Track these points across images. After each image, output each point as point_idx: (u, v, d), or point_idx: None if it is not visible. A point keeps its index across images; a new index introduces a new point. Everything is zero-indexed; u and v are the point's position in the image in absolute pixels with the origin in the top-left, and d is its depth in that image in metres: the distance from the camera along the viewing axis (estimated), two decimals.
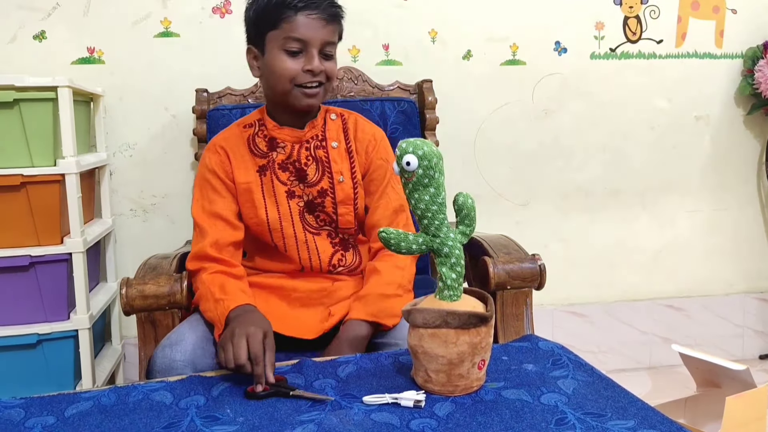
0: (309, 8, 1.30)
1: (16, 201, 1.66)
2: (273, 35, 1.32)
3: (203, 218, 1.38)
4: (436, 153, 1.00)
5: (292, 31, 1.30)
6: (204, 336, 1.27)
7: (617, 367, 2.45)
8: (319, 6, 1.31)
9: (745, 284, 2.56)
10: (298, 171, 1.41)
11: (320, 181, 1.41)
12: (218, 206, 1.39)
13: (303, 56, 1.32)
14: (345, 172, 1.43)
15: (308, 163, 1.41)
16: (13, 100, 1.62)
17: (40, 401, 1.02)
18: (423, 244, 1.03)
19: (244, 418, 0.95)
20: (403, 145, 1.00)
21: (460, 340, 0.99)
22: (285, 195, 1.41)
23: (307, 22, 1.30)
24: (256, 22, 1.36)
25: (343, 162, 1.44)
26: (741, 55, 2.41)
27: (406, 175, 1.00)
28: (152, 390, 1.05)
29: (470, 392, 1.01)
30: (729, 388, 1.76)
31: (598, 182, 2.40)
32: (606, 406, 0.94)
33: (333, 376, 1.08)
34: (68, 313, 1.75)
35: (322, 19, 1.31)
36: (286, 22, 1.30)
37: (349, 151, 1.45)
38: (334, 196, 1.41)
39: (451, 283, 1.02)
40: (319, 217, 1.42)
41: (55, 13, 2.00)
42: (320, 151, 1.42)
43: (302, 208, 1.41)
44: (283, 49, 1.31)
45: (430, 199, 1.01)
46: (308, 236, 1.42)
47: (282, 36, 1.31)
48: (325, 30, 1.32)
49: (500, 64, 2.28)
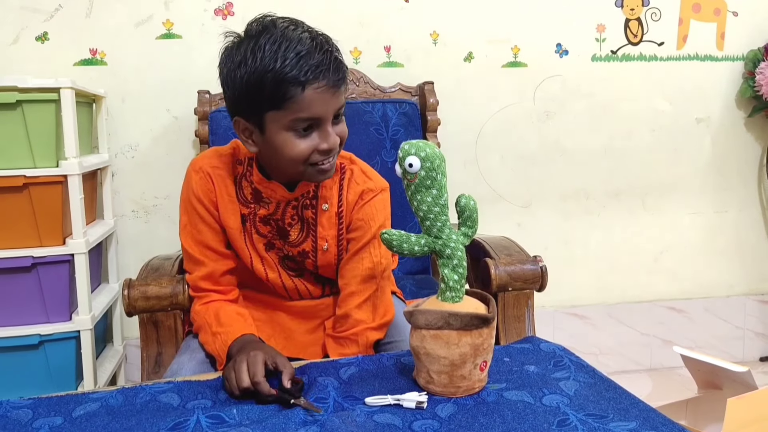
0: (317, 80, 1.08)
1: (18, 202, 1.66)
2: (275, 116, 1.11)
3: (193, 247, 1.28)
4: (438, 155, 1.00)
5: (300, 112, 1.09)
6: (203, 361, 1.25)
7: (618, 369, 2.45)
8: (326, 73, 1.09)
9: (746, 286, 2.56)
10: (279, 229, 1.27)
11: (303, 243, 1.28)
12: (207, 237, 1.27)
13: (315, 132, 1.13)
14: (331, 239, 1.28)
15: (292, 223, 1.27)
16: (15, 102, 1.62)
17: (48, 402, 1.02)
18: (425, 246, 1.03)
19: (250, 419, 0.95)
20: (405, 147, 1.00)
21: (462, 341, 0.99)
22: (264, 247, 1.29)
23: (317, 97, 1.09)
24: (247, 97, 1.11)
25: (331, 228, 1.28)
26: (742, 58, 2.42)
27: (408, 177, 1.01)
28: (160, 391, 1.05)
29: (472, 393, 1.01)
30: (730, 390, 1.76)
31: (600, 184, 2.41)
32: (608, 408, 0.94)
33: (335, 377, 1.08)
34: (70, 314, 1.75)
35: (332, 87, 1.11)
36: (292, 101, 1.08)
37: (339, 215, 1.28)
38: (316, 259, 1.29)
39: (453, 284, 1.03)
40: (300, 265, 1.32)
41: (58, 14, 2.01)
42: (308, 211, 1.27)
43: (281, 258, 1.31)
44: (291, 130, 1.11)
45: (433, 201, 1.01)
46: (294, 280, 1.33)
47: (289, 117, 1.10)
48: (335, 99, 1.12)
49: (501, 65, 2.28)
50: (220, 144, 1.81)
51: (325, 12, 2.12)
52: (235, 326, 1.22)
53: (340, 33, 2.13)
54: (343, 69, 1.14)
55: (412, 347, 1.04)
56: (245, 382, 1.02)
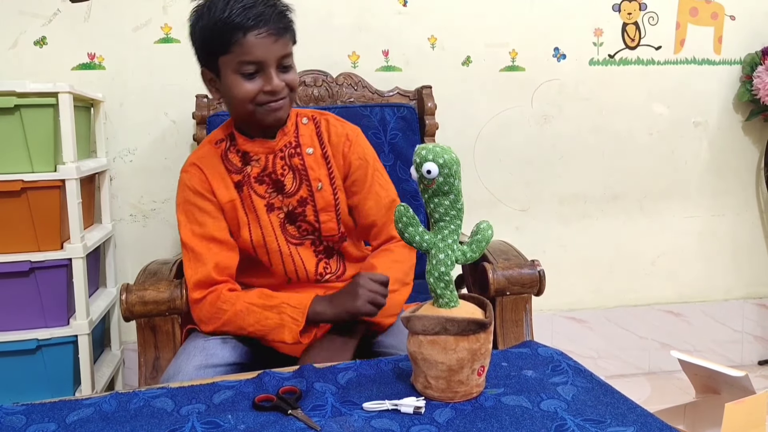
0: (257, 27, 1.22)
1: (16, 206, 1.66)
2: (225, 60, 1.25)
3: (196, 243, 1.31)
4: (455, 160, 0.99)
5: (244, 55, 1.23)
6: (201, 365, 1.24)
7: (616, 373, 2.45)
8: (268, 22, 1.23)
9: (743, 290, 2.56)
10: (275, 183, 1.36)
11: (299, 190, 1.36)
12: (210, 228, 1.32)
13: (260, 76, 1.25)
14: (323, 178, 1.38)
15: (284, 173, 1.36)
16: (14, 106, 1.62)
17: (42, 408, 1.02)
18: (425, 242, 1.03)
19: (246, 425, 0.95)
20: (422, 152, 0.99)
21: (459, 346, 0.99)
22: (264, 209, 1.35)
23: (258, 42, 1.22)
24: (203, 46, 1.28)
25: (320, 168, 1.38)
26: (739, 62, 2.42)
27: (425, 182, 1.00)
28: (153, 396, 1.05)
29: (470, 398, 1.01)
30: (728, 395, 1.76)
31: (597, 188, 2.41)
32: (606, 413, 0.94)
33: (333, 382, 1.08)
34: (68, 319, 1.75)
35: (273, 35, 1.23)
36: (237, 45, 1.22)
37: (325, 157, 1.39)
38: (315, 204, 1.37)
39: (441, 292, 1.03)
40: (300, 227, 1.38)
41: (56, 18, 2.01)
42: (295, 159, 1.37)
43: (283, 220, 1.37)
44: (238, 72, 1.25)
45: (450, 205, 1.01)
46: (291, 248, 1.37)
47: (235, 60, 1.24)
48: (277, 45, 1.25)
49: (500, 70, 2.29)
50: None
51: (323, 17, 2.12)
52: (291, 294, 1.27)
53: (338, 37, 2.15)
54: (286, 21, 1.27)
55: (409, 353, 1.04)
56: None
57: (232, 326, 1.27)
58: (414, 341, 1.02)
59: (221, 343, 1.30)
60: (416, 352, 1.01)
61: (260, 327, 1.24)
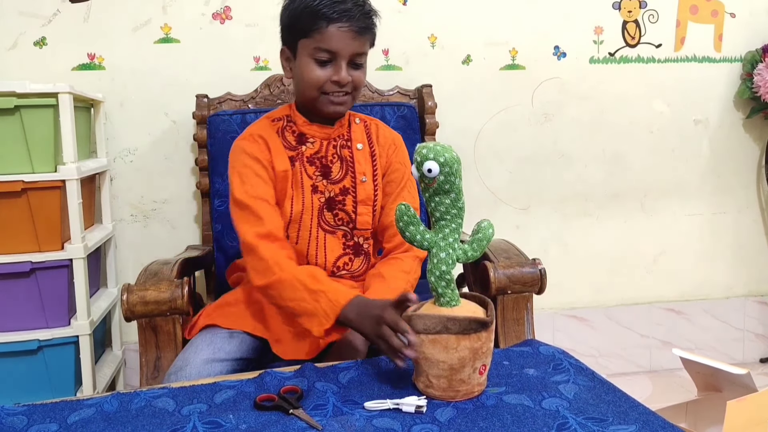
0: (341, 20, 1.31)
1: (16, 207, 1.66)
2: (304, 43, 1.34)
3: (252, 201, 1.34)
4: (456, 159, 1.00)
5: (322, 42, 1.32)
6: (209, 359, 1.26)
7: (618, 371, 2.45)
8: (352, 18, 1.31)
9: (745, 288, 2.56)
10: (323, 167, 1.43)
11: (343, 179, 1.44)
12: (262, 191, 1.37)
13: (331, 66, 1.34)
14: (368, 173, 1.46)
15: (333, 160, 1.44)
16: (14, 107, 1.62)
17: (43, 408, 1.02)
18: (425, 241, 1.03)
19: (247, 424, 0.95)
20: (423, 151, 0.99)
21: (461, 345, 0.99)
22: (310, 189, 1.42)
23: (338, 34, 1.31)
24: (289, 27, 1.38)
25: (367, 164, 1.47)
26: (740, 59, 2.42)
27: (426, 181, 1.00)
28: (155, 396, 1.05)
29: (471, 397, 1.01)
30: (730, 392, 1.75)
31: (598, 186, 2.41)
32: (607, 411, 0.94)
33: (334, 381, 1.08)
34: (69, 319, 1.75)
35: (353, 31, 1.32)
36: (318, 32, 1.31)
37: (372, 154, 1.48)
38: (356, 195, 1.44)
39: (442, 291, 1.03)
40: (337, 216, 1.44)
41: (56, 19, 2.01)
42: (345, 150, 1.46)
43: (322, 205, 1.43)
44: (312, 57, 1.33)
45: (451, 204, 1.02)
46: (320, 233, 1.43)
47: (312, 45, 1.33)
48: (355, 42, 1.33)
49: (500, 68, 2.28)
50: (219, 147, 1.84)
51: None
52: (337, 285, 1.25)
53: None
54: (369, 22, 1.36)
55: None
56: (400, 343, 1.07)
57: (274, 291, 1.26)
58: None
59: (228, 338, 1.32)
60: (418, 352, 1.01)
61: (296, 306, 1.23)
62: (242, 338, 1.33)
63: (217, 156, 1.85)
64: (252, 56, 2.12)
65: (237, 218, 1.36)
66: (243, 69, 2.11)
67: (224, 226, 1.82)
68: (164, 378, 1.25)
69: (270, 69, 2.11)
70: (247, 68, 2.12)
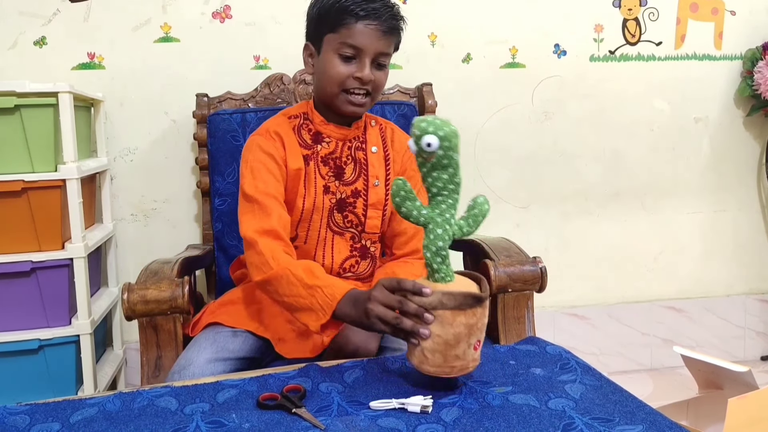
0: (370, 18, 1.31)
1: (17, 207, 1.65)
2: (330, 38, 1.35)
3: (261, 196, 1.33)
4: (456, 133, 0.98)
5: (348, 38, 1.32)
6: (212, 358, 1.25)
7: (619, 369, 2.45)
8: (380, 17, 1.32)
9: (745, 285, 2.56)
10: (337, 168, 1.44)
11: (356, 181, 1.44)
12: (272, 187, 1.36)
13: (355, 63, 1.34)
14: (380, 177, 1.46)
15: (347, 162, 1.45)
16: (14, 106, 1.61)
17: (45, 407, 1.02)
18: (421, 217, 1.02)
19: (250, 423, 0.94)
20: (422, 125, 0.97)
21: (456, 321, 0.98)
22: (322, 189, 1.42)
23: (365, 31, 1.32)
24: (316, 22, 1.38)
25: (380, 167, 1.47)
26: (740, 57, 2.42)
27: (424, 155, 0.98)
28: (157, 396, 1.05)
29: (465, 373, 1.01)
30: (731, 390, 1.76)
31: (598, 184, 2.41)
32: (614, 411, 0.94)
33: (339, 381, 1.08)
34: (70, 319, 1.75)
35: (381, 30, 1.33)
36: (345, 27, 1.32)
37: (386, 158, 1.49)
38: (367, 198, 1.44)
39: (437, 266, 1.02)
40: (347, 218, 1.44)
41: (56, 18, 2.00)
42: (360, 153, 1.46)
43: (333, 205, 1.43)
44: (337, 53, 1.34)
45: (449, 179, 1.00)
46: (329, 234, 1.43)
47: (338, 40, 1.33)
48: (381, 41, 1.34)
49: (500, 67, 2.28)
50: (219, 146, 1.84)
51: None
52: (333, 280, 1.22)
53: None
54: (396, 24, 1.36)
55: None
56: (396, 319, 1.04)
57: (271, 287, 1.24)
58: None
59: (232, 337, 1.32)
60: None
61: (292, 301, 1.21)
62: (245, 337, 1.33)
63: (217, 155, 1.85)
64: (252, 55, 2.11)
65: (243, 211, 1.34)
66: (243, 68, 2.11)
67: (225, 225, 1.81)
68: (167, 376, 1.25)
69: (270, 68, 2.10)
70: (247, 67, 2.12)
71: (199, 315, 1.44)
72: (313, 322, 1.18)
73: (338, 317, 1.17)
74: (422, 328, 1.00)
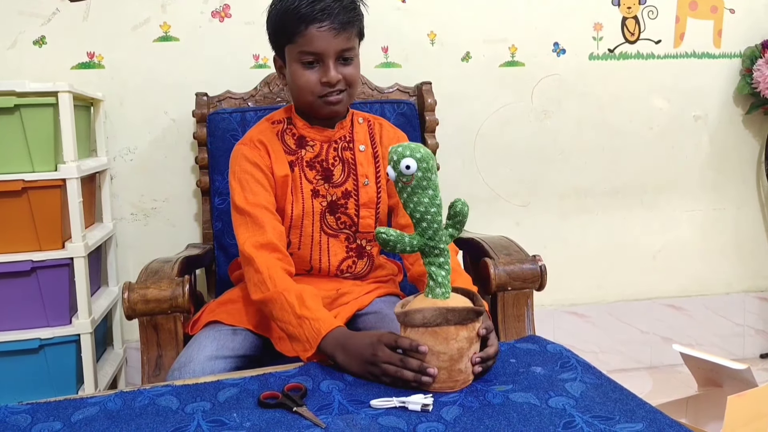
0: (319, 20, 1.29)
1: (17, 206, 1.66)
2: (290, 48, 1.34)
3: (253, 208, 1.34)
4: (431, 154, 1.02)
5: (305, 45, 1.30)
6: (212, 355, 1.25)
7: (618, 367, 2.46)
8: (330, 16, 1.29)
9: (745, 283, 2.56)
10: (324, 170, 1.42)
11: (345, 182, 1.43)
12: (262, 198, 1.36)
13: (319, 67, 1.33)
14: (370, 175, 1.45)
15: (335, 163, 1.43)
16: (14, 106, 1.62)
17: (47, 406, 1.02)
18: (416, 246, 1.05)
19: (251, 422, 0.95)
20: (399, 149, 1.01)
21: (459, 335, 1.01)
22: (310, 194, 1.41)
23: (319, 35, 1.29)
24: (274, 35, 1.37)
25: (369, 166, 1.45)
26: (739, 55, 2.42)
27: (404, 180, 1.01)
28: (158, 395, 1.05)
29: (466, 386, 1.03)
30: (730, 388, 1.76)
31: (598, 182, 2.41)
32: (614, 409, 0.94)
33: (340, 379, 1.08)
34: (70, 318, 1.75)
35: (335, 29, 1.30)
36: (300, 36, 1.30)
37: (375, 156, 1.47)
38: (358, 198, 1.43)
39: (441, 280, 1.04)
40: (339, 219, 1.43)
41: (55, 18, 2.00)
42: (347, 152, 1.44)
43: (324, 209, 1.42)
44: (299, 62, 1.33)
45: (429, 201, 1.02)
46: (323, 237, 1.43)
47: (297, 50, 1.32)
48: (338, 39, 1.31)
49: (499, 65, 2.28)
50: (218, 145, 1.84)
51: None
52: (321, 313, 1.20)
53: None
54: (351, 16, 1.32)
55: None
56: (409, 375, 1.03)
57: (267, 308, 1.25)
58: (412, 334, 1.03)
59: (232, 335, 1.32)
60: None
61: (284, 327, 1.21)
62: (245, 335, 1.33)
63: (217, 154, 1.85)
64: (251, 54, 2.11)
65: (237, 225, 1.36)
66: (242, 67, 2.11)
67: (224, 224, 1.82)
68: (168, 374, 1.25)
69: (269, 67, 2.10)
70: (247, 66, 2.12)
71: (198, 314, 1.44)
72: (301, 352, 1.19)
73: (323, 353, 1.15)
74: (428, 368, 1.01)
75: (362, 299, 1.40)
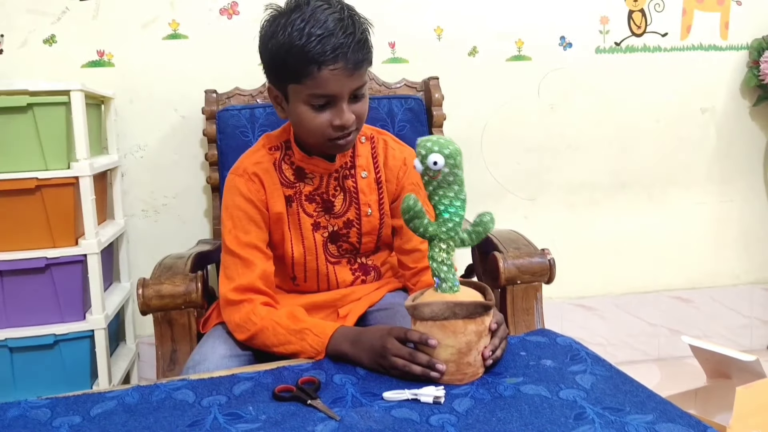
0: (333, 62, 1.14)
1: (31, 204, 1.68)
2: (296, 89, 1.20)
3: (243, 249, 1.28)
4: (459, 151, 1.02)
5: (316, 88, 1.17)
6: (226, 354, 1.25)
7: (626, 359, 2.47)
8: (346, 54, 1.15)
9: (752, 275, 2.57)
10: (324, 202, 1.35)
11: (347, 212, 1.36)
12: (253, 237, 1.29)
13: (330, 109, 1.20)
14: (373, 203, 1.37)
15: (336, 194, 1.35)
16: (26, 105, 1.64)
17: (66, 401, 1.04)
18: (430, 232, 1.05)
19: (267, 415, 0.96)
20: (427, 144, 1.01)
21: (468, 329, 1.02)
22: (311, 228, 1.35)
23: (332, 78, 1.16)
24: (274, 70, 1.23)
25: (372, 193, 1.37)
26: (746, 47, 2.42)
27: (430, 174, 1.02)
28: (174, 389, 1.06)
29: (476, 378, 1.04)
30: (739, 379, 1.77)
31: (605, 176, 2.41)
32: (625, 401, 0.95)
33: (353, 372, 1.10)
34: (84, 314, 1.77)
35: (349, 69, 1.16)
36: (309, 78, 1.16)
37: (378, 181, 1.38)
38: (360, 227, 1.37)
39: (444, 276, 1.05)
40: (341, 247, 1.38)
41: (65, 17, 2.02)
42: (349, 181, 1.35)
43: (326, 239, 1.36)
44: (308, 104, 1.20)
45: (455, 196, 1.03)
46: (329, 267, 1.38)
47: (306, 92, 1.18)
48: (352, 79, 1.18)
49: (506, 59, 2.29)
50: (228, 142, 1.85)
51: None
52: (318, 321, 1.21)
53: None
54: (364, 52, 1.19)
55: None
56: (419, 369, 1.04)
57: (258, 341, 1.23)
58: (422, 327, 1.04)
59: None
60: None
61: (284, 350, 1.20)
62: None
63: (226, 150, 1.86)
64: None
65: (224, 266, 1.30)
66: (251, 64, 2.10)
67: None
68: (182, 372, 1.27)
69: None
70: (255, 63, 2.09)
71: (209, 311, 1.45)
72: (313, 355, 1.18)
73: (332, 353, 1.15)
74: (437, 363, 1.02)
75: (373, 295, 1.40)
